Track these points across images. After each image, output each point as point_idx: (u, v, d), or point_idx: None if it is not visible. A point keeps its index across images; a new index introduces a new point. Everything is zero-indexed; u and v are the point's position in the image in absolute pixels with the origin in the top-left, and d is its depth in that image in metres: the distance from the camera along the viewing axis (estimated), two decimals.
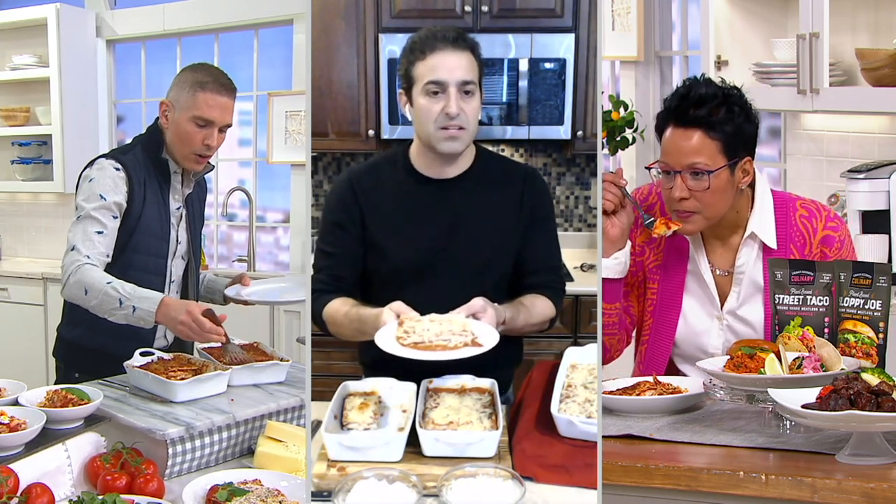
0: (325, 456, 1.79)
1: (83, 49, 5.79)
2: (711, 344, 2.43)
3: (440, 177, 2.23)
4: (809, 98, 3.48)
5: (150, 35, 5.81)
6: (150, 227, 2.78)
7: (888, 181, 3.36)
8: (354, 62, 4.07)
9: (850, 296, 2.16)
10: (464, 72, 2.12)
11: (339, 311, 2.18)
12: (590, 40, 3.93)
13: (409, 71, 2.15)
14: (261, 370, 2.45)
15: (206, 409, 2.23)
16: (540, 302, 2.26)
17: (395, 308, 2.02)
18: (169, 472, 2.08)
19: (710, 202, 2.30)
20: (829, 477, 1.79)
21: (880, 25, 3.61)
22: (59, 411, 2.16)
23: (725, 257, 2.43)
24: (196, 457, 2.13)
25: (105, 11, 5.86)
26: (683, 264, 2.46)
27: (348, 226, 2.23)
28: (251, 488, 1.88)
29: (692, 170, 2.28)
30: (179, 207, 2.86)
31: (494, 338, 1.97)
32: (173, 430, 2.09)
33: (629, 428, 2.08)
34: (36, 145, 5.89)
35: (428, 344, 1.93)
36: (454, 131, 2.13)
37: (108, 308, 2.54)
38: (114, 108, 6.04)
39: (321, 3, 3.86)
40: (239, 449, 2.21)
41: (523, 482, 1.68)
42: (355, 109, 4.12)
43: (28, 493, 1.81)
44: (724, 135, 2.27)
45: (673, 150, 2.31)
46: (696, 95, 2.28)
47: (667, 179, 2.33)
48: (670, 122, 2.32)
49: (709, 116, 2.26)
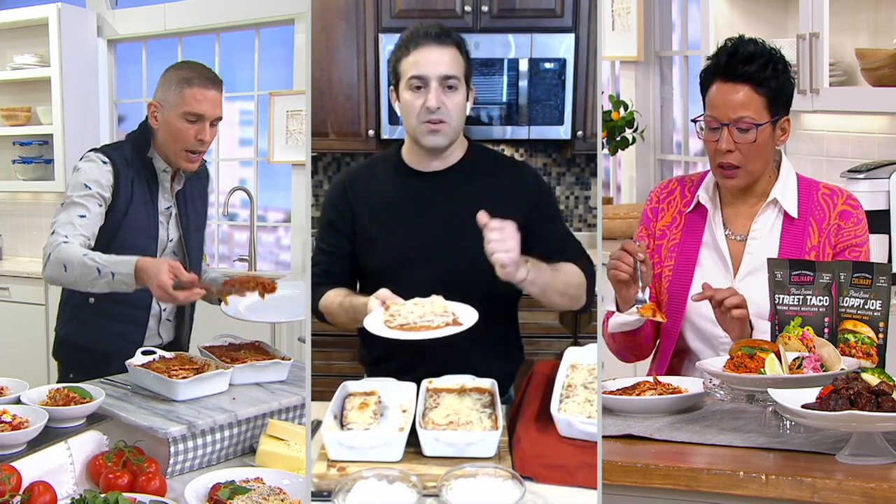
0: (325, 456, 1.80)
1: (84, 49, 5.79)
2: None
3: (429, 170, 2.28)
4: (809, 98, 3.48)
5: (151, 35, 5.81)
6: (138, 224, 2.79)
7: (888, 181, 3.36)
8: (354, 62, 4.07)
9: (850, 296, 2.16)
10: (446, 67, 2.16)
11: (334, 301, 2.25)
12: (590, 40, 3.93)
13: (396, 67, 2.22)
14: (262, 369, 2.46)
15: (208, 407, 2.24)
16: (566, 266, 2.21)
17: (381, 295, 2.08)
18: (171, 471, 2.08)
19: (755, 156, 2.36)
20: (829, 477, 1.79)
21: (880, 25, 3.61)
22: (61, 410, 2.16)
23: (744, 223, 2.47)
24: (198, 455, 2.13)
25: (106, 11, 5.87)
26: (699, 236, 2.49)
27: (339, 224, 2.30)
28: (253, 486, 1.88)
29: (739, 123, 2.34)
30: (170, 206, 2.87)
31: (473, 316, 2.03)
32: (175, 428, 2.09)
33: (629, 428, 2.08)
34: (37, 145, 5.89)
35: (412, 325, 2.00)
36: (435, 126, 2.18)
37: (89, 279, 2.51)
38: (115, 107, 6.04)
39: (321, 3, 3.86)
40: (241, 447, 2.22)
41: (523, 482, 1.68)
42: (355, 109, 4.12)
43: (30, 492, 1.82)
44: (770, 91, 2.34)
45: (721, 103, 2.36)
46: (745, 52, 2.35)
47: (712, 133, 2.38)
48: (717, 78, 2.37)
49: (757, 72, 2.33)
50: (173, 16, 5.65)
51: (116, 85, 6.03)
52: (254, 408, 2.25)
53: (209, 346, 2.62)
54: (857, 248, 2.42)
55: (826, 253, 2.40)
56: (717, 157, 2.38)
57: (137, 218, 2.79)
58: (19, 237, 6.19)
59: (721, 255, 2.46)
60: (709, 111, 2.39)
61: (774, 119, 2.36)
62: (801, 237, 2.42)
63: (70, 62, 5.68)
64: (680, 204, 2.53)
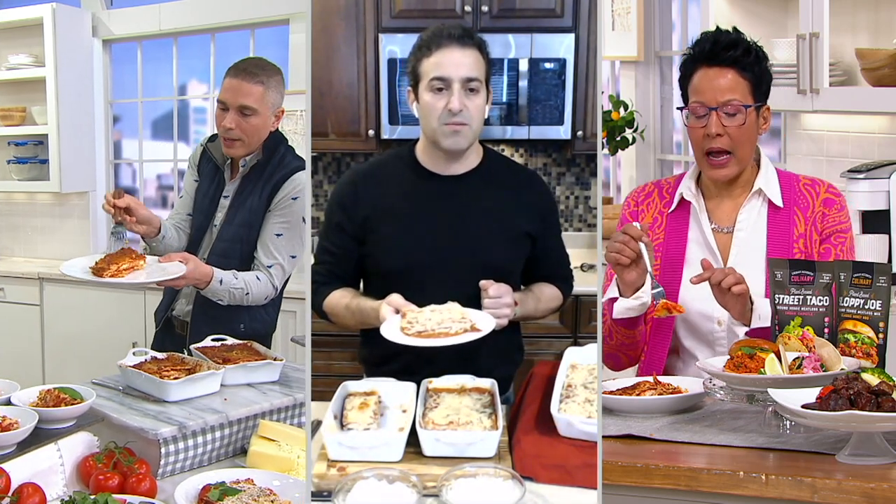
0: (325, 456, 1.80)
1: (79, 49, 5.78)
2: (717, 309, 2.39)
3: (446, 173, 2.25)
4: (809, 98, 3.48)
5: (147, 35, 5.81)
6: (201, 207, 3.10)
7: (888, 181, 3.36)
8: (354, 62, 4.07)
9: (850, 296, 2.16)
10: (468, 69, 2.14)
11: (340, 302, 2.24)
12: (590, 40, 3.93)
13: (416, 68, 2.18)
14: (254, 369, 2.46)
15: (199, 408, 2.23)
16: (548, 290, 2.36)
17: (393, 302, 2.07)
18: (162, 472, 2.07)
19: (743, 140, 2.38)
20: (829, 477, 1.78)
21: (880, 25, 3.61)
22: (51, 411, 2.15)
23: (729, 215, 2.48)
24: (189, 456, 2.12)
25: (101, 11, 5.86)
26: (684, 233, 2.50)
27: (347, 226, 2.26)
28: (243, 487, 1.87)
29: (727, 107, 2.36)
30: (227, 195, 3.04)
31: (491, 323, 2.05)
32: (166, 429, 2.08)
33: (629, 428, 2.08)
34: (32, 145, 5.88)
35: (431, 332, 2.00)
36: (457, 127, 2.16)
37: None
38: (110, 107, 6.03)
39: (321, 3, 3.86)
40: (232, 448, 2.21)
41: (523, 482, 1.68)
42: (355, 109, 4.12)
43: (20, 493, 1.80)
44: (754, 76, 2.38)
45: (708, 88, 2.38)
46: (727, 39, 2.39)
47: (699, 120, 2.39)
48: (701, 65, 2.40)
49: (742, 57, 2.37)
50: (168, 16, 5.64)
51: (111, 85, 6.03)
52: (245, 408, 2.24)
53: (201, 346, 2.62)
54: (842, 233, 2.43)
55: (813, 240, 2.42)
56: (705, 143, 2.39)
57: (202, 202, 3.08)
58: (14, 237, 6.19)
59: (709, 248, 2.47)
60: (695, 97, 2.40)
61: (758, 105, 2.39)
62: (788, 226, 2.43)
63: (65, 62, 5.67)
64: (660, 205, 2.54)
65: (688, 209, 2.50)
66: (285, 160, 3.01)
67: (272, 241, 2.95)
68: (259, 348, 2.62)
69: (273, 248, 2.95)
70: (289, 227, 2.96)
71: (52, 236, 6.05)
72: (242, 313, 2.96)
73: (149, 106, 6.04)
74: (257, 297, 2.93)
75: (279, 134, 3.05)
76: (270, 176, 2.98)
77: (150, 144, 6.10)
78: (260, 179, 2.98)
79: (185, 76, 5.92)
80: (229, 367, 2.42)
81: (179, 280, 2.75)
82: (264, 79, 2.94)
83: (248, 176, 3.00)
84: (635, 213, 2.56)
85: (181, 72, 5.84)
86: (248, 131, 2.94)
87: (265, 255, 2.95)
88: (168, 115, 5.95)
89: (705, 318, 2.43)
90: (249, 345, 2.65)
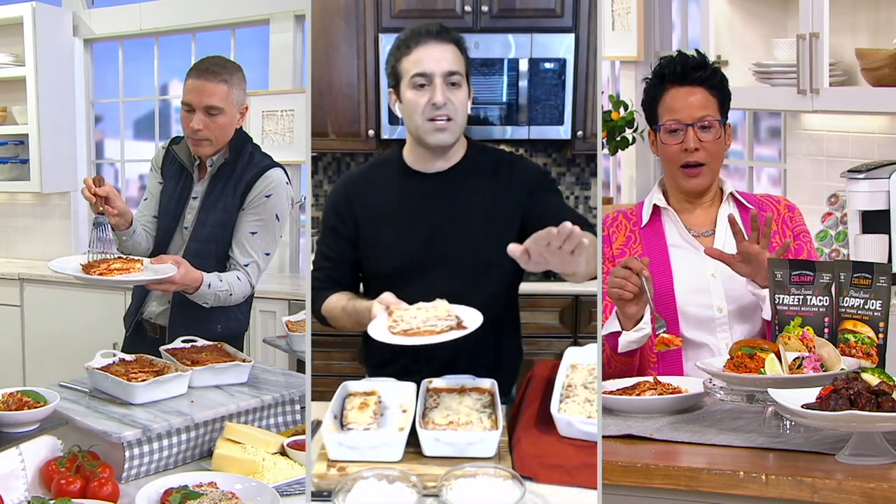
0: (325, 456, 1.80)
1: (60, 48, 5.75)
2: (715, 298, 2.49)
3: (432, 171, 2.25)
4: (809, 98, 3.48)
5: (128, 34, 5.80)
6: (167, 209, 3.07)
7: (888, 181, 3.36)
8: (354, 62, 4.06)
9: (850, 296, 2.16)
10: (449, 63, 2.16)
11: (337, 305, 2.24)
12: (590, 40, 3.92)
13: (396, 67, 2.21)
14: (222, 371, 2.45)
15: (165, 411, 2.22)
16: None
17: (384, 300, 2.06)
18: (126, 476, 2.06)
19: (717, 153, 2.52)
20: (829, 477, 1.79)
21: (880, 25, 3.61)
22: (13, 414, 2.13)
23: (703, 221, 2.58)
24: (154, 459, 2.12)
25: (82, 10, 5.84)
26: (662, 240, 2.57)
27: (342, 229, 2.28)
28: (206, 491, 1.86)
29: (702, 122, 2.49)
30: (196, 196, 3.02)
31: (478, 319, 2.01)
32: (129, 432, 2.07)
33: (629, 428, 2.08)
34: (12, 145, 5.85)
35: (416, 330, 1.98)
36: (442, 122, 2.16)
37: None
38: (91, 107, 6.02)
39: (321, 3, 3.85)
40: (199, 451, 2.20)
41: (523, 482, 1.69)
42: (355, 109, 4.10)
43: None
44: (721, 94, 2.53)
45: (683, 106, 2.51)
46: (694, 61, 2.53)
47: (673, 136, 2.51)
48: (672, 85, 2.53)
49: (710, 77, 2.52)
50: (149, 15, 5.63)
51: (93, 84, 6.01)
52: (212, 411, 2.23)
53: (171, 348, 2.61)
54: (806, 233, 2.58)
55: (787, 235, 2.53)
56: (681, 158, 2.51)
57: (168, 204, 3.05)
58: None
59: (693, 248, 2.54)
60: (669, 116, 2.52)
61: (724, 121, 2.52)
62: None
63: (46, 62, 5.64)
64: (629, 225, 2.63)
65: (660, 221, 2.59)
66: (254, 158, 3.02)
67: (247, 239, 2.96)
68: (229, 349, 2.61)
69: (248, 246, 2.96)
70: (263, 224, 2.98)
71: (33, 236, 6.02)
72: (219, 314, 2.97)
73: (130, 106, 6.03)
74: (238, 297, 2.95)
75: (243, 132, 3.06)
76: (241, 174, 2.98)
77: (132, 144, 6.09)
78: (231, 178, 2.98)
79: (167, 76, 5.91)
80: (197, 369, 2.41)
81: (169, 284, 2.74)
82: (227, 77, 2.95)
83: (218, 175, 3.00)
84: (607, 238, 2.62)
85: (162, 71, 5.83)
86: (216, 131, 2.95)
87: (241, 253, 2.96)
88: (150, 115, 5.95)
89: (705, 307, 2.49)
90: (219, 346, 2.65)
